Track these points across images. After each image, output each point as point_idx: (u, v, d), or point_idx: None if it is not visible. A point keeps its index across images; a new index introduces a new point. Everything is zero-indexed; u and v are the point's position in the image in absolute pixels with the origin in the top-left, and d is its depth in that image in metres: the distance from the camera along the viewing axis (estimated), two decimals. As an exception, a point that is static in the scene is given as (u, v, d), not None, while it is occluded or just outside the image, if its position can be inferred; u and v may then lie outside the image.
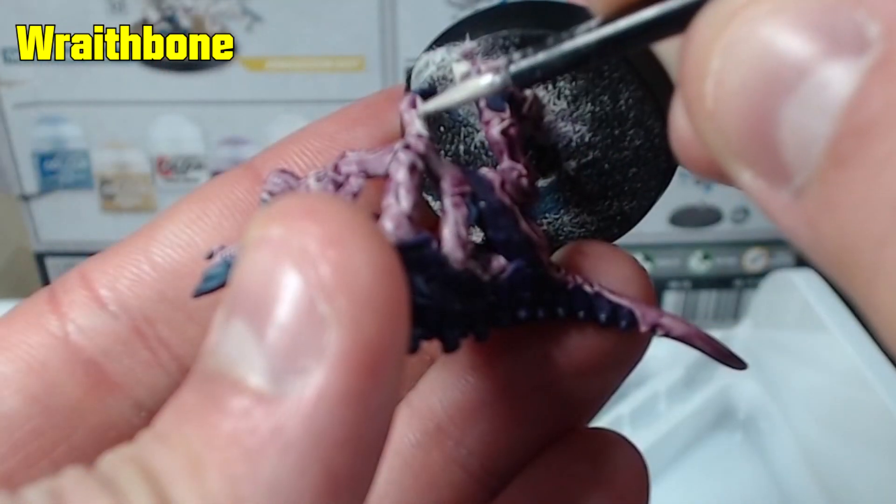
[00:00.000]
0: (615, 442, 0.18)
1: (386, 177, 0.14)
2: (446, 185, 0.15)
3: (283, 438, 0.10)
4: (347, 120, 0.18)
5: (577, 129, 0.17)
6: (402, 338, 0.11)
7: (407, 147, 0.15)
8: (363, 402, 0.11)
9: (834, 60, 0.10)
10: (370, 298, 0.11)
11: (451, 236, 0.14)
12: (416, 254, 0.13)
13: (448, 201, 0.15)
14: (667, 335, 0.17)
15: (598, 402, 0.18)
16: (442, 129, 0.18)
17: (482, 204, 0.15)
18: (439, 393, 0.18)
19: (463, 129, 0.18)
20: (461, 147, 0.18)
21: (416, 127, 0.16)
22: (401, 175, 0.14)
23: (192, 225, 0.17)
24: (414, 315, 0.13)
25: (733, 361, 0.18)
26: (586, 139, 0.18)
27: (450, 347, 0.15)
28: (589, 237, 0.19)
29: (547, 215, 0.19)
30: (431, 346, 0.16)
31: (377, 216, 0.14)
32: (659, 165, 0.18)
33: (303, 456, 0.10)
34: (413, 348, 0.14)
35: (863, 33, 0.10)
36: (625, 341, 0.17)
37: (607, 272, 0.17)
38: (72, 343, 0.17)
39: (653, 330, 0.17)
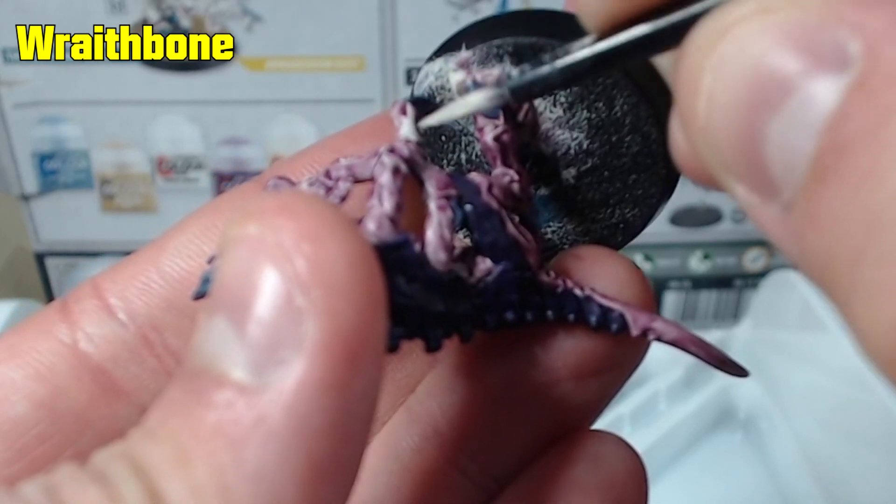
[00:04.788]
0: (613, 444, 0.18)
1: (372, 180, 0.15)
2: (431, 188, 0.15)
3: (266, 428, 0.11)
4: (359, 134, 0.19)
5: (574, 136, 0.18)
6: (379, 327, 0.11)
7: (391, 151, 0.15)
8: (343, 391, 0.11)
9: (817, 78, 0.10)
10: (345, 289, 0.11)
11: (434, 238, 0.15)
12: (397, 254, 0.14)
13: (433, 204, 0.15)
14: (659, 339, 0.17)
15: (598, 405, 0.18)
16: (444, 138, 0.19)
17: (468, 207, 0.16)
18: (438, 397, 0.18)
19: (464, 138, 0.18)
20: (462, 155, 0.19)
21: (404, 131, 0.16)
22: (384, 178, 0.15)
23: (201, 235, 0.18)
24: (395, 314, 0.13)
25: (731, 368, 0.18)
26: (584, 146, 0.18)
27: (431, 347, 0.15)
28: (595, 244, 0.19)
29: (551, 224, 0.19)
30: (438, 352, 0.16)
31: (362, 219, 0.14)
32: (658, 172, 0.18)
33: (286, 444, 0.11)
34: (393, 347, 0.14)
35: (845, 51, 0.10)
36: (621, 345, 0.17)
37: (603, 276, 0.17)
38: (80, 350, 0.17)
39: (644, 334, 0.17)
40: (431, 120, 0.16)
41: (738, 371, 0.18)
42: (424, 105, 0.17)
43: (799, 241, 0.11)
